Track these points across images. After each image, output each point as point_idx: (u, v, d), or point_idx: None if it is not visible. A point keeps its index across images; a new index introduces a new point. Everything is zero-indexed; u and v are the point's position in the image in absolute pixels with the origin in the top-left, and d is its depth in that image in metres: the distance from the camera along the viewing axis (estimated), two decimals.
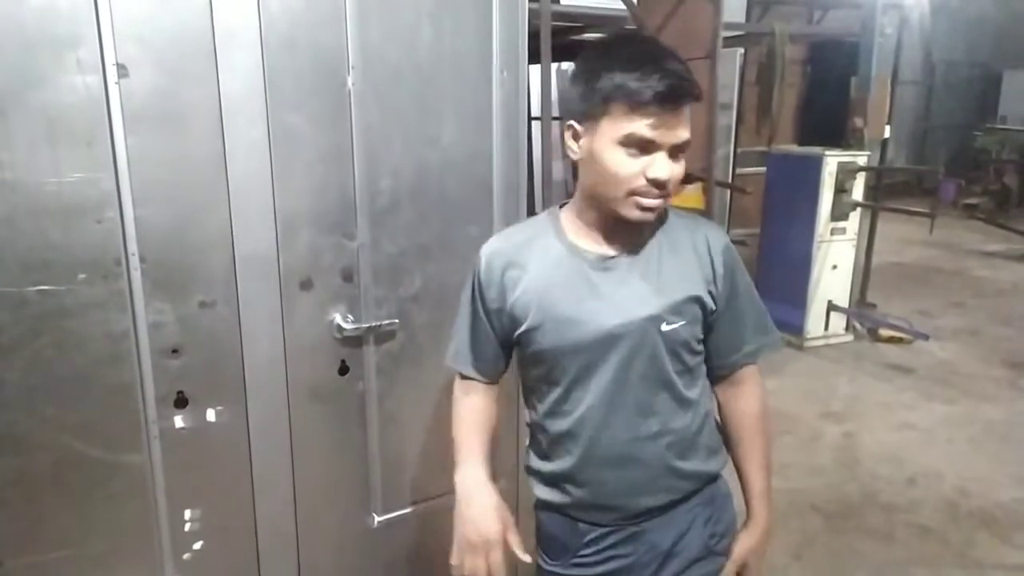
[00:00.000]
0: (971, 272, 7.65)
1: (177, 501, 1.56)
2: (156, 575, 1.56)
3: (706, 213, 3.91)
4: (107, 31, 1.33)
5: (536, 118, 3.32)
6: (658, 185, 1.15)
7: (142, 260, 1.42)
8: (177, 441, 1.53)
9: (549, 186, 3.65)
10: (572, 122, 1.21)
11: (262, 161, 1.51)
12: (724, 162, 5.78)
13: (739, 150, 5.96)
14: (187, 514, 1.58)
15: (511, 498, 2.01)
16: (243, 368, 1.57)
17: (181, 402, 1.52)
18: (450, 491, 1.91)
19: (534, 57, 2.22)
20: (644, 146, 1.13)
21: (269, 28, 1.47)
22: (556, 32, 3.67)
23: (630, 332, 1.21)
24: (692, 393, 1.30)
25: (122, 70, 1.35)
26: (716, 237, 1.30)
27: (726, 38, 3.81)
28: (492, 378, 1.40)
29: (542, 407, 1.33)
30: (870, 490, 3.35)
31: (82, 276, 1.39)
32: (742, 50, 5.90)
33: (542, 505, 1.39)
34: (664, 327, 1.22)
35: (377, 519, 1.81)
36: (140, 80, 1.37)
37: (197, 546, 1.60)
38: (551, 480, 1.34)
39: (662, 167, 1.14)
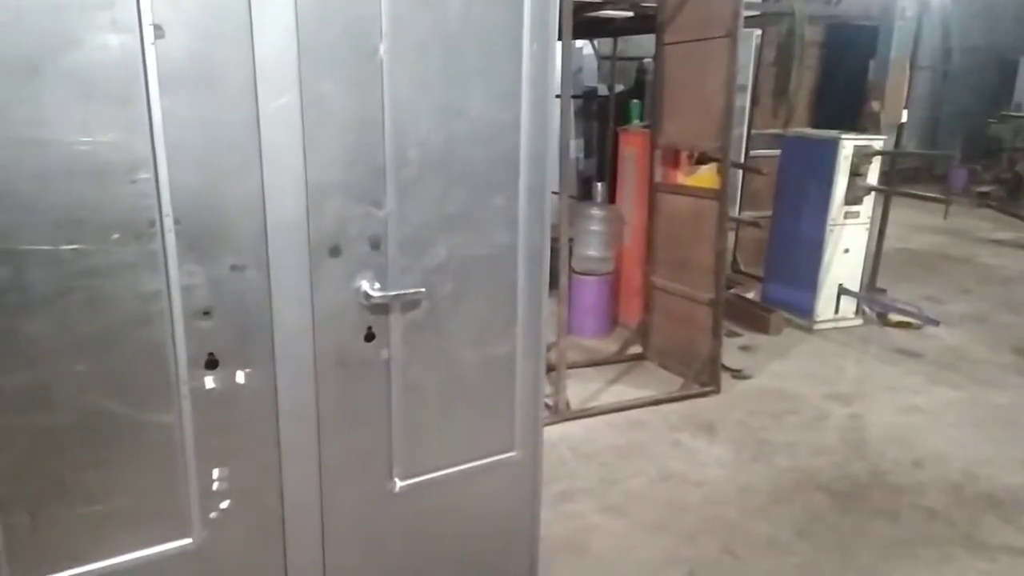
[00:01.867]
0: (979, 259, 7.64)
1: (205, 460, 1.58)
2: (183, 532, 1.59)
3: (721, 194, 3.90)
4: None
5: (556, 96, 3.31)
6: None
7: (176, 222, 1.44)
8: (207, 401, 1.55)
9: (566, 162, 3.65)
10: None
11: (294, 126, 1.51)
12: (737, 143, 5.75)
13: (752, 132, 5.93)
14: (215, 473, 1.60)
15: (528, 466, 2.04)
16: (272, 332, 1.59)
17: (211, 363, 1.54)
18: (470, 459, 1.96)
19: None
20: None
21: None
22: (576, 9, 3.65)
23: None
24: None
25: (158, 31, 1.35)
26: None
27: (744, 18, 3.78)
28: None
29: None
30: (877, 471, 3.38)
31: (115, 236, 1.40)
32: (759, 31, 5.85)
33: None
34: None
35: (399, 484, 1.84)
36: (175, 42, 1.37)
37: (224, 505, 1.62)
38: None
39: None
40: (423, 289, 1.74)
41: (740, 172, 5.65)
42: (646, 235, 4.56)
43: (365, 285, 1.67)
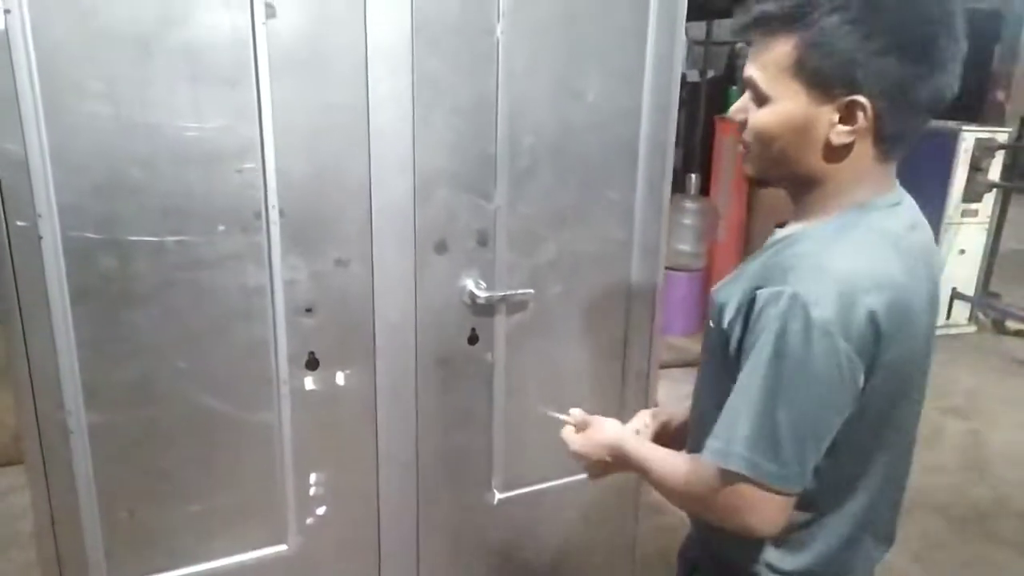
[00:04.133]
0: None
1: (303, 464, 1.51)
2: (279, 538, 1.52)
3: None
4: None
5: None
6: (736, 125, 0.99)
7: (281, 214, 1.36)
8: (306, 402, 1.48)
9: None
10: None
11: (405, 111, 1.41)
12: None
13: None
14: (312, 478, 1.53)
15: (629, 482, 1.90)
16: (373, 332, 1.50)
17: (312, 363, 1.46)
18: (571, 474, 1.83)
19: None
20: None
21: None
22: None
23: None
24: None
25: (270, 9, 1.27)
26: (773, 299, 0.87)
27: None
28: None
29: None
30: (1000, 495, 3.08)
31: (221, 228, 1.33)
32: None
33: None
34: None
35: (498, 496, 1.73)
36: (287, 21, 1.29)
37: (320, 511, 1.55)
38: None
39: (737, 102, 0.98)
40: (531, 290, 1.62)
41: None
42: (743, 230, 4.32)
43: (471, 284, 1.56)
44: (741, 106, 0.97)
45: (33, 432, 1.29)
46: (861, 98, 0.87)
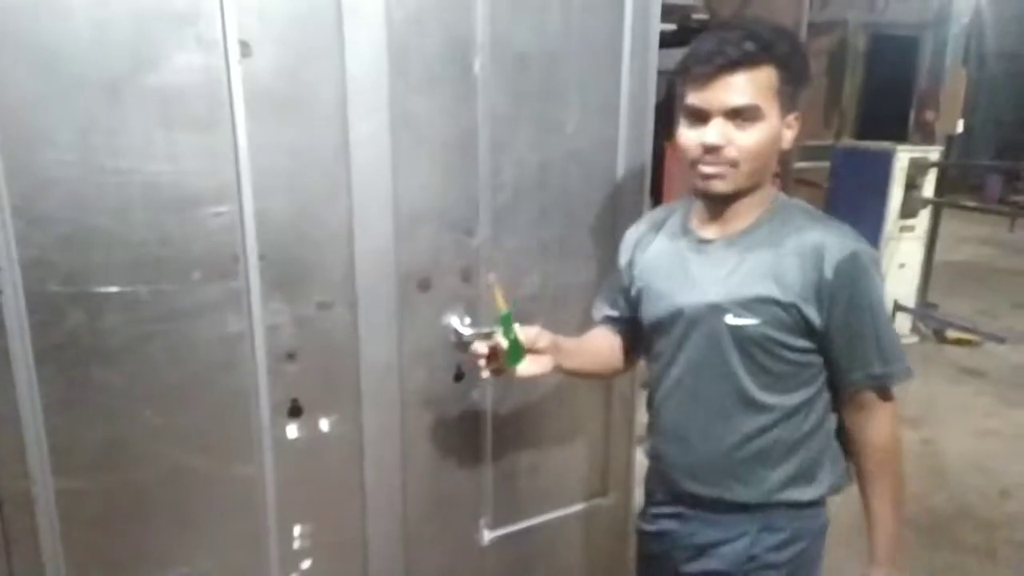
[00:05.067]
0: None
1: (287, 516, 1.44)
2: None
3: None
4: (229, 4, 1.20)
5: None
6: (709, 150, 1.17)
7: (261, 257, 1.30)
8: (289, 453, 1.41)
9: None
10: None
11: (384, 149, 1.38)
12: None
13: (798, 144, 5.75)
14: (296, 530, 1.46)
15: (620, 511, 1.88)
16: (358, 375, 1.45)
17: (295, 411, 1.40)
18: (565, 506, 1.80)
19: None
20: (699, 115, 1.18)
21: (396, 3, 1.33)
22: None
23: (697, 316, 1.25)
24: (770, 398, 1.24)
25: (245, 48, 1.23)
26: (837, 246, 1.19)
27: None
28: (618, 329, 1.48)
29: (647, 368, 1.44)
30: (962, 503, 3.18)
31: (197, 275, 1.27)
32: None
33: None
34: (729, 319, 1.21)
35: (488, 535, 1.68)
36: (263, 60, 1.25)
37: (306, 565, 1.48)
38: (648, 437, 1.44)
39: (712, 132, 1.16)
40: (516, 324, 1.59)
41: (779, 184, 5.48)
42: None
43: (455, 321, 1.53)
44: (724, 132, 1.16)
45: None
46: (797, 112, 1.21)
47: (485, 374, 1.32)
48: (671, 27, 4.83)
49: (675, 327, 1.29)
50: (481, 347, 1.30)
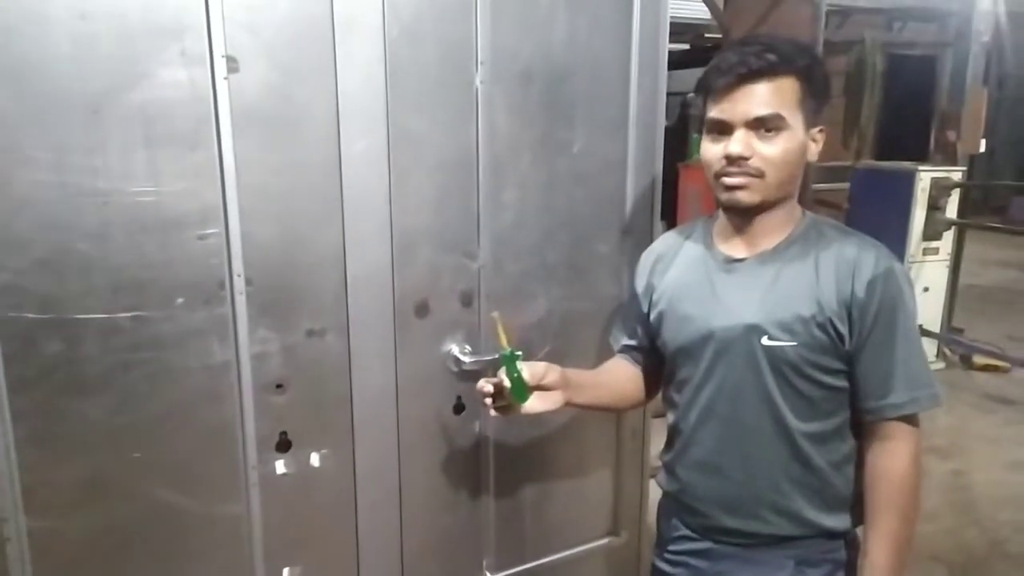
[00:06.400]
0: None
1: (275, 558, 1.35)
2: None
3: None
4: (216, 18, 1.15)
5: None
6: (732, 161, 1.14)
7: (248, 283, 1.23)
8: (278, 489, 1.33)
9: None
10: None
11: (380, 168, 1.32)
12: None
13: (816, 164, 5.66)
14: (285, 573, 1.37)
15: (633, 551, 1.78)
16: (351, 406, 1.37)
17: (283, 445, 1.32)
18: (573, 545, 1.70)
19: None
20: (722, 128, 1.16)
21: (392, 17, 1.28)
22: None
23: (730, 339, 1.19)
24: (805, 425, 1.18)
25: (232, 63, 1.17)
26: (871, 262, 1.15)
27: None
28: (638, 359, 1.42)
29: (667, 396, 1.37)
30: (994, 538, 3.02)
31: (180, 300, 1.20)
32: None
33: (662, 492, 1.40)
34: (765, 341, 1.16)
35: None
36: (251, 75, 1.19)
37: None
38: (665, 468, 1.36)
39: (735, 143, 1.14)
40: (520, 352, 1.51)
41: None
42: None
43: (455, 349, 1.45)
44: (747, 143, 1.14)
45: None
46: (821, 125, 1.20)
47: (492, 413, 1.25)
48: (684, 47, 4.79)
49: (704, 352, 1.22)
50: (486, 386, 1.23)
